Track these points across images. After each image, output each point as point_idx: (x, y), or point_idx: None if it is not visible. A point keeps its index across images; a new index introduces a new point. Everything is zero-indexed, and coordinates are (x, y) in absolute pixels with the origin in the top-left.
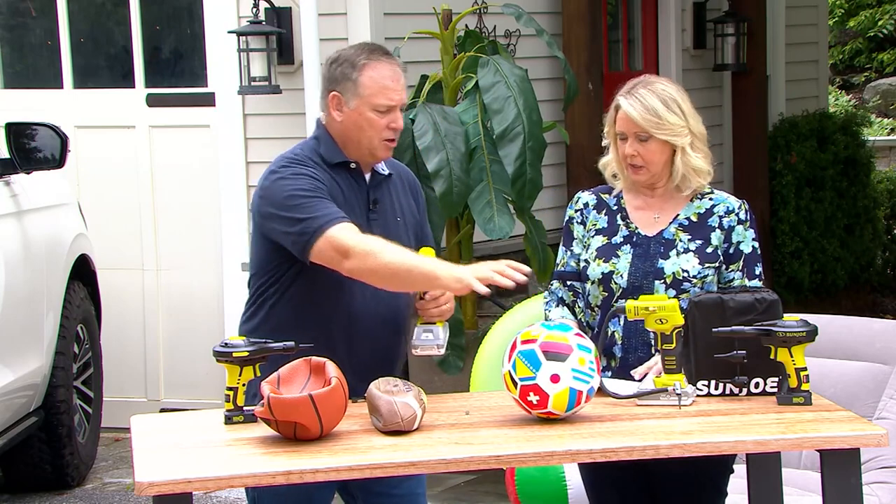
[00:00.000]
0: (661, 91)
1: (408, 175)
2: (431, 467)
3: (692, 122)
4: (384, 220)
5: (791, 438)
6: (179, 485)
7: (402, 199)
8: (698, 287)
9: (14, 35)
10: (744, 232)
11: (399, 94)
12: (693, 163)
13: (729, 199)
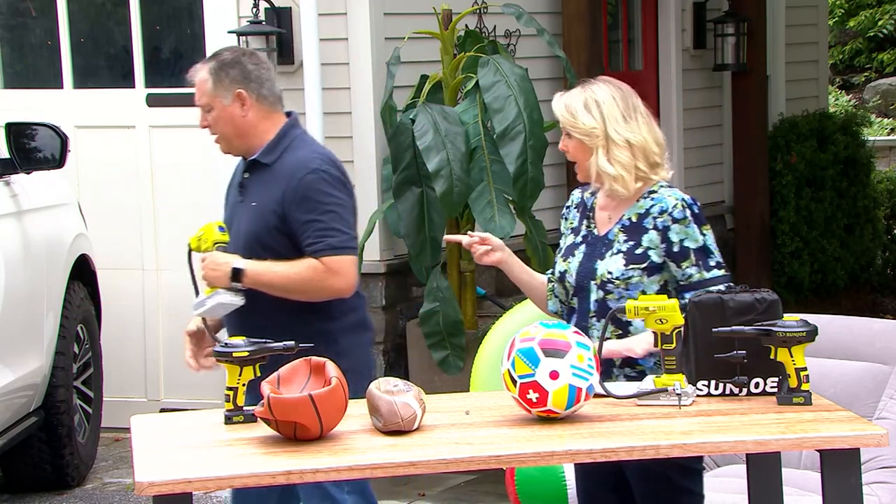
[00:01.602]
0: (592, 93)
1: (288, 171)
2: (431, 467)
3: (612, 126)
4: (245, 203)
5: (791, 438)
6: (179, 485)
7: (267, 189)
8: (622, 288)
9: (14, 35)
10: (684, 229)
11: (195, 96)
12: (600, 165)
13: (667, 198)
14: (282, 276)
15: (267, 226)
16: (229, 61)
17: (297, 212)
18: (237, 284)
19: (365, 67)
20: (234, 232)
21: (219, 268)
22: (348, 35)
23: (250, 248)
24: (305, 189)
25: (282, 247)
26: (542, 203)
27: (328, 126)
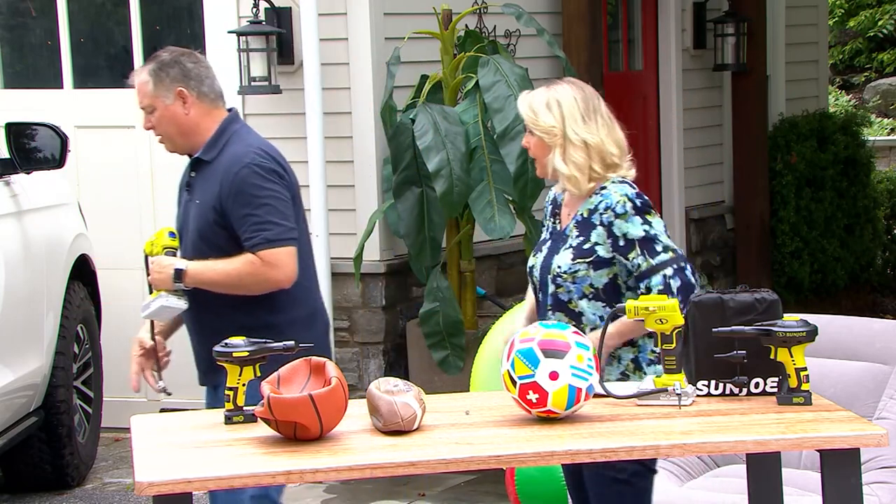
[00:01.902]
0: (555, 92)
1: (228, 165)
2: (431, 467)
3: (570, 126)
4: (192, 201)
5: (791, 438)
6: (179, 485)
7: (208, 185)
8: (569, 282)
9: (14, 35)
10: (625, 223)
11: (137, 99)
12: (556, 164)
13: (612, 194)
14: (221, 273)
15: (208, 222)
16: (168, 61)
17: (233, 207)
18: (180, 285)
19: (365, 67)
20: (185, 230)
21: (163, 270)
22: (348, 35)
23: (197, 246)
24: (240, 183)
25: (224, 242)
26: (542, 203)
27: (328, 126)
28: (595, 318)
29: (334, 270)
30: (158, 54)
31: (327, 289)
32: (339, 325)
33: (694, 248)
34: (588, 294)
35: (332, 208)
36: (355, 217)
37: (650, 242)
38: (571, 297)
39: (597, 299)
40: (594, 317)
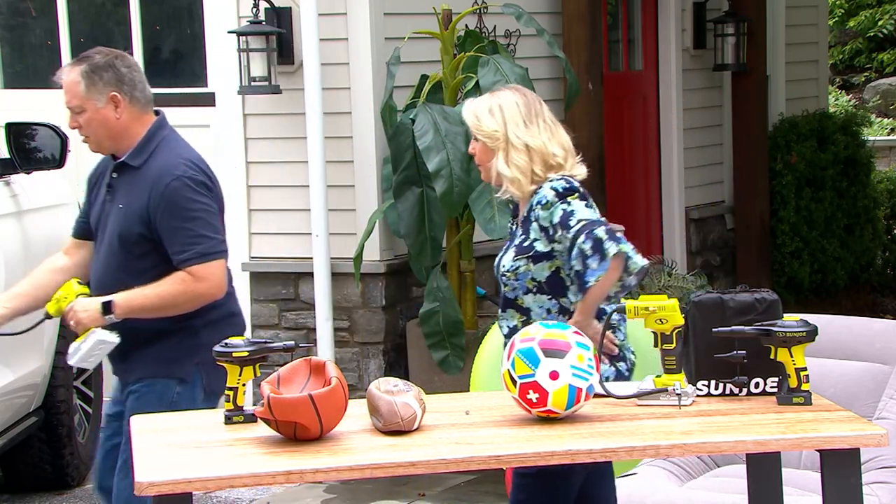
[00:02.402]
0: (497, 98)
1: (153, 177)
2: (431, 467)
3: (512, 130)
4: (113, 204)
5: (791, 438)
6: (179, 485)
7: (135, 192)
8: (513, 280)
9: (14, 35)
10: (548, 213)
11: (64, 99)
12: (499, 168)
13: (543, 190)
14: (152, 297)
15: (131, 230)
16: (102, 65)
17: (162, 218)
18: (111, 317)
19: (365, 67)
20: (101, 231)
21: (88, 308)
22: (348, 35)
23: (113, 249)
24: (171, 196)
25: (143, 251)
26: None
27: (328, 126)
28: (542, 312)
29: (334, 270)
30: (91, 55)
31: (327, 289)
32: (339, 325)
33: (694, 248)
34: (532, 288)
35: (332, 208)
36: (355, 217)
37: (566, 220)
38: (517, 294)
39: (541, 293)
40: (541, 310)
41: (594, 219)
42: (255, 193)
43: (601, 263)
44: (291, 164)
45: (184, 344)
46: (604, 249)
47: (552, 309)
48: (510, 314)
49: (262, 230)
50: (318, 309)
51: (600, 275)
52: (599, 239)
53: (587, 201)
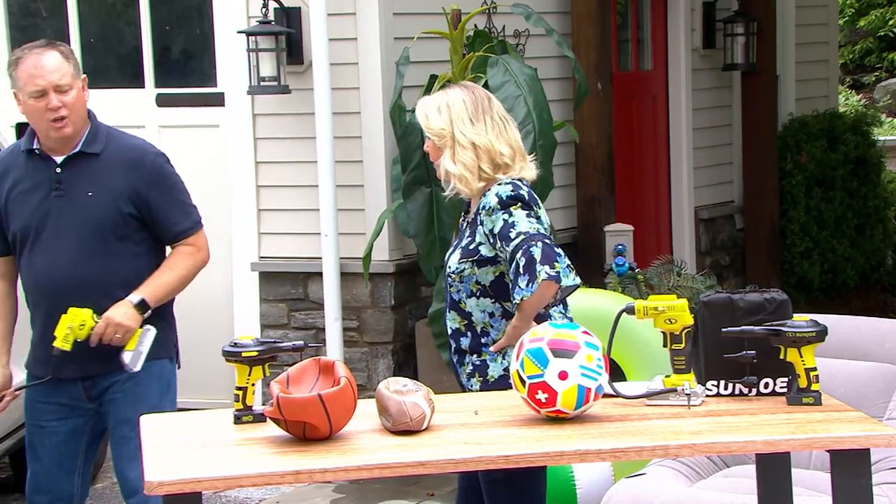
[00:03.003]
0: (445, 96)
1: (129, 158)
2: (440, 467)
3: (458, 128)
4: (70, 196)
5: (801, 439)
6: (189, 484)
7: (104, 178)
8: (458, 281)
9: (25, 35)
10: (490, 220)
11: (45, 78)
12: (446, 165)
13: (489, 194)
14: (173, 280)
15: (119, 212)
16: (68, 51)
17: (156, 194)
18: (147, 313)
19: (374, 67)
20: (53, 226)
21: (127, 314)
22: (357, 35)
23: (88, 239)
24: (159, 171)
25: (133, 231)
26: (551, 203)
27: (337, 126)
28: (484, 317)
29: (343, 270)
30: (53, 41)
31: (336, 289)
32: (348, 324)
33: (703, 248)
34: (476, 291)
35: (342, 208)
36: (364, 217)
37: (507, 232)
38: (461, 297)
39: (484, 296)
40: (483, 314)
41: (534, 233)
42: (264, 193)
43: (529, 285)
44: (301, 163)
45: (167, 322)
46: (535, 271)
47: (495, 312)
48: (453, 316)
49: (272, 230)
50: (327, 309)
51: (526, 295)
52: (533, 259)
53: (530, 210)
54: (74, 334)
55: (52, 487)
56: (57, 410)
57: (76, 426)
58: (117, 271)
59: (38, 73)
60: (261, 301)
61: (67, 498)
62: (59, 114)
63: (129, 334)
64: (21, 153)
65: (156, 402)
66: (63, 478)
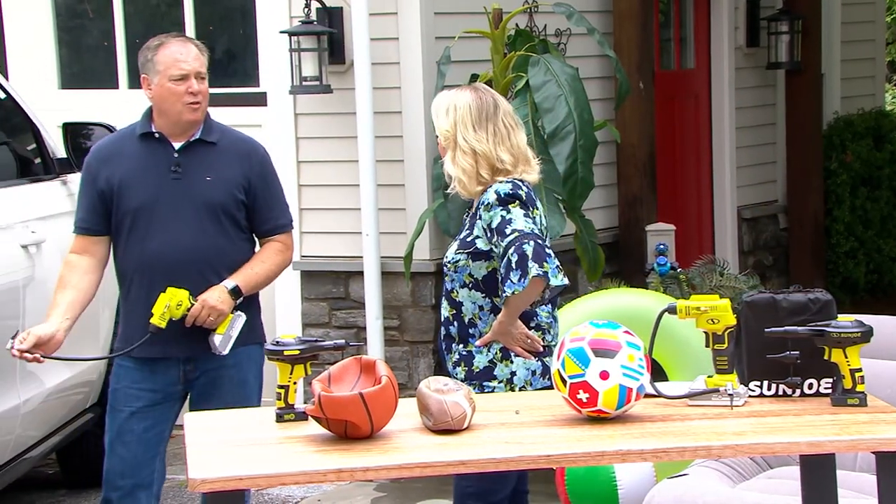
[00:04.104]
0: (455, 97)
1: (244, 149)
2: (481, 466)
3: (461, 133)
4: (187, 179)
5: (846, 440)
6: (231, 482)
7: (220, 165)
8: (452, 272)
9: (72, 37)
10: (488, 214)
11: (189, 63)
12: (446, 167)
13: (488, 191)
14: (264, 272)
15: (235, 199)
16: (202, 46)
17: (261, 186)
18: (240, 299)
19: (415, 67)
20: (175, 206)
21: (221, 298)
22: (399, 35)
23: (206, 219)
24: (267, 165)
25: (242, 218)
26: (592, 202)
27: (379, 125)
28: (474, 308)
29: (384, 269)
30: (183, 35)
31: (377, 288)
32: (389, 323)
33: (746, 248)
34: (468, 283)
35: (383, 207)
36: (405, 216)
37: (503, 227)
38: (454, 287)
39: (476, 289)
40: (473, 306)
41: (528, 231)
42: (305, 192)
43: (520, 280)
44: (342, 163)
45: (256, 310)
46: (527, 267)
47: (484, 306)
48: (445, 304)
49: (313, 229)
50: (368, 308)
51: (517, 290)
52: (526, 255)
53: (528, 210)
54: (171, 313)
55: (136, 472)
56: (150, 397)
57: (165, 411)
58: (228, 253)
59: (183, 59)
60: (302, 300)
61: (148, 483)
62: (197, 98)
63: (221, 318)
64: (135, 138)
65: (253, 384)
66: (146, 462)
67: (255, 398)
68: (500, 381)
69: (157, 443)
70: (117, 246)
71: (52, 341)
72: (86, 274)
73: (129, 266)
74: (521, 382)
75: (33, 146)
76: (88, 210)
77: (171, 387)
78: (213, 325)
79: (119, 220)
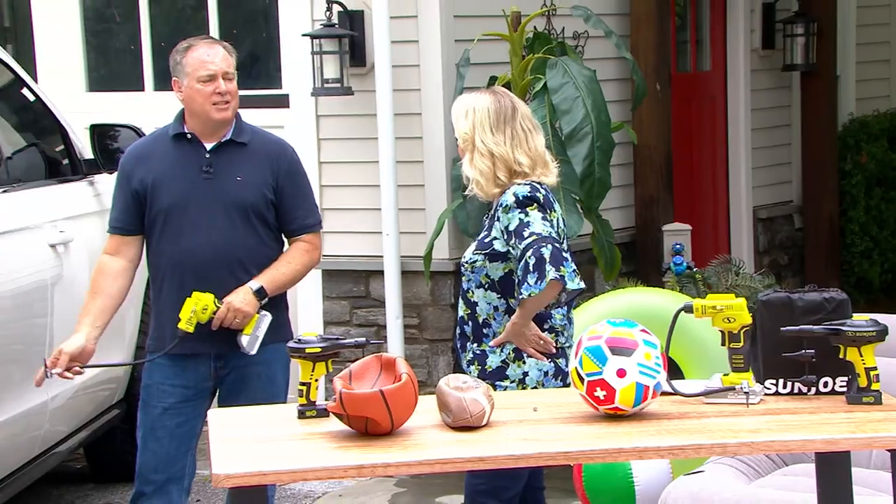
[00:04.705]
0: (474, 100)
1: (273, 150)
2: (500, 463)
3: (479, 135)
4: (219, 179)
5: (861, 437)
6: (254, 477)
7: (251, 165)
8: (469, 271)
9: (99, 40)
10: (506, 216)
11: (216, 64)
12: (464, 168)
13: (506, 193)
14: (290, 273)
15: (264, 198)
16: (230, 47)
17: (289, 186)
18: (265, 300)
19: (435, 69)
20: (206, 204)
21: (246, 300)
22: (419, 37)
23: (243, 216)
24: (296, 166)
25: (271, 217)
26: (609, 203)
27: (399, 127)
28: (489, 309)
29: (404, 269)
30: (215, 38)
31: (397, 287)
32: (409, 322)
33: (761, 248)
34: (484, 284)
35: (402, 207)
36: (425, 216)
37: (521, 230)
38: (470, 287)
39: (492, 290)
40: (488, 307)
41: (545, 234)
42: (327, 193)
43: (538, 283)
44: (363, 164)
45: (284, 309)
46: (544, 270)
47: (499, 307)
48: (461, 304)
49: (334, 229)
50: (388, 306)
51: (534, 292)
52: (543, 259)
53: (545, 213)
54: (197, 317)
55: (168, 467)
56: (182, 393)
57: (196, 407)
58: (258, 252)
59: (210, 60)
60: (324, 298)
61: (180, 478)
62: (226, 98)
63: (247, 319)
64: (168, 139)
65: (281, 381)
66: (179, 458)
67: (282, 394)
68: (513, 382)
69: (188, 438)
70: (150, 245)
71: (84, 353)
72: (117, 279)
73: (161, 264)
74: (532, 383)
75: (61, 147)
76: (122, 210)
77: (203, 383)
78: (239, 327)
79: (152, 219)
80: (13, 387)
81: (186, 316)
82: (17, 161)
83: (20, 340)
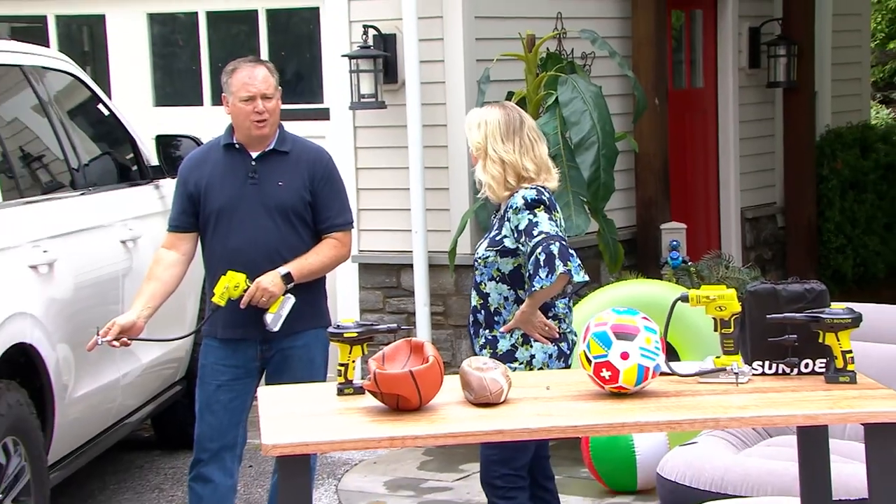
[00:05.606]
0: (486, 113)
1: (311, 157)
2: (517, 435)
3: (490, 144)
4: (263, 184)
5: (838, 413)
6: (299, 447)
7: (291, 171)
8: (482, 266)
9: (165, 62)
10: (516, 217)
11: (256, 87)
12: (478, 174)
13: (515, 196)
14: (317, 263)
15: (302, 200)
16: (273, 67)
17: (324, 189)
18: (291, 284)
19: (459, 85)
20: (251, 207)
21: (274, 281)
22: (445, 58)
23: (278, 220)
24: (331, 170)
25: (309, 218)
26: (613, 204)
27: (427, 136)
28: (499, 299)
29: (431, 262)
30: (260, 59)
31: (425, 278)
32: (435, 309)
33: (748, 244)
34: (496, 277)
35: (429, 208)
36: (449, 216)
37: (531, 229)
38: (483, 279)
39: (503, 282)
40: (499, 297)
41: (553, 233)
42: (363, 195)
43: (548, 276)
44: (395, 169)
45: (322, 296)
46: (554, 264)
47: (509, 297)
48: (474, 295)
49: (369, 227)
50: (416, 296)
51: (545, 284)
52: (553, 254)
53: (551, 214)
54: (229, 293)
55: (222, 437)
56: (233, 372)
57: (246, 384)
58: (297, 248)
59: (251, 83)
60: (360, 289)
61: (232, 446)
62: (262, 117)
63: (272, 299)
64: (219, 148)
65: (320, 363)
66: (231, 428)
67: (321, 374)
68: (521, 363)
69: (240, 411)
70: (204, 243)
71: (134, 328)
72: (170, 267)
73: (214, 259)
74: (539, 364)
75: (131, 155)
76: (179, 210)
77: (251, 363)
78: (265, 305)
79: (205, 219)
80: (90, 366)
81: (220, 291)
82: (92, 168)
83: (97, 324)
